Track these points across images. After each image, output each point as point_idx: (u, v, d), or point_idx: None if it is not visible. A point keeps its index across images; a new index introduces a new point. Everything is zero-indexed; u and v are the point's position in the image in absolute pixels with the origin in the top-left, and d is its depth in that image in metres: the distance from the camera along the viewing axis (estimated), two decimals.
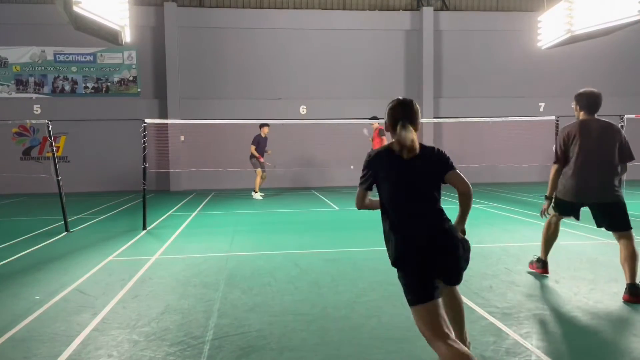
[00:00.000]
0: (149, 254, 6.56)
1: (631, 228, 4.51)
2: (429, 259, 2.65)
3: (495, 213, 10.20)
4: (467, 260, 2.83)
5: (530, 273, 5.29)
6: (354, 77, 18.39)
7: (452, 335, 2.55)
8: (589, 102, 4.71)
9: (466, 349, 2.54)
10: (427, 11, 18.43)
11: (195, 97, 17.68)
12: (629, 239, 4.46)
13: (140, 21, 15.74)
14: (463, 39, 18.80)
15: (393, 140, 2.80)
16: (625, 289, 4.39)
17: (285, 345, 3.50)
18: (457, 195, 2.87)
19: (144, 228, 8.63)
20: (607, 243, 6.61)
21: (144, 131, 8.99)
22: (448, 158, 2.89)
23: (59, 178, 8.74)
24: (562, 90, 18.57)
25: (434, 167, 2.83)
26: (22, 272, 5.74)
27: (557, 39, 9.25)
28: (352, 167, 12.62)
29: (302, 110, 18.04)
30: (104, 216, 10.56)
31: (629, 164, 4.63)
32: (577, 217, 4.86)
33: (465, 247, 2.80)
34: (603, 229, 4.67)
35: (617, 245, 4.57)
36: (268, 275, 5.37)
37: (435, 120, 17.30)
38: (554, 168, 4.83)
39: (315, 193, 15.15)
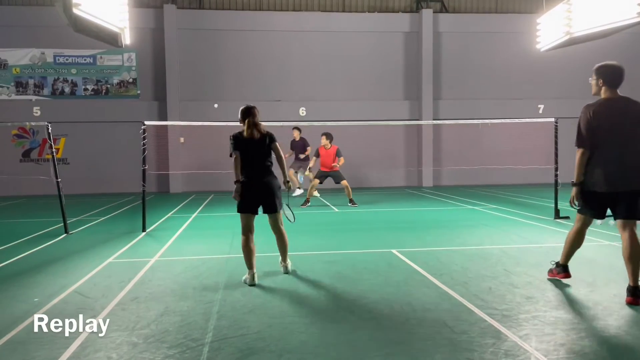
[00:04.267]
0: (148, 256, 6.55)
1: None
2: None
3: (495, 215, 10.21)
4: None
5: (529, 276, 5.29)
6: (354, 79, 18.41)
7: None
8: (614, 76, 4.38)
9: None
10: (427, 13, 18.47)
11: (194, 99, 17.69)
12: (635, 228, 4.25)
13: (140, 23, 15.74)
14: (462, 40, 18.83)
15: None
16: (628, 291, 4.26)
17: (284, 348, 3.50)
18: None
19: (144, 230, 8.63)
20: (606, 245, 6.61)
21: (144, 133, 8.99)
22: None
23: (59, 180, 8.73)
24: (561, 92, 18.61)
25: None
26: (21, 274, 5.74)
27: (556, 41, 9.26)
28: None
29: (302, 112, 18.05)
30: (103, 218, 10.56)
31: None
32: (602, 216, 4.50)
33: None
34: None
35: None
36: (267, 278, 5.37)
37: (435, 122, 17.32)
38: (579, 152, 4.44)
39: (315, 194, 15.13)
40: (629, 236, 4.26)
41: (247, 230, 5.29)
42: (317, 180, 12.14)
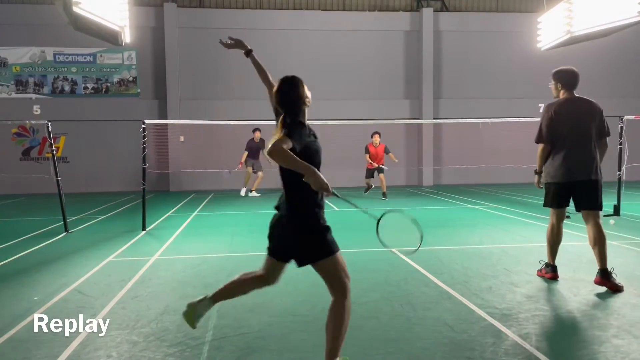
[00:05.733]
0: (148, 255, 6.55)
1: (602, 209, 4.72)
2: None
3: (495, 214, 10.21)
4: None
5: (530, 275, 5.29)
6: (354, 77, 18.40)
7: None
8: (570, 79, 4.81)
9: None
10: (427, 12, 18.45)
11: (194, 98, 17.68)
12: (597, 218, 4.64)
13: (140, 22, 15.72)
14: (463, 39, 18.82)
15: None
16: (597, 272, 4.60)
17: (284, 346, 3.50)
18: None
19: (144, 229, 8.62)
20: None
21: (144, 132, 8.99)
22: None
23: (59, 178, 8.73)
24: None
25: None
26: (22, 273, 5.73)
27: (557, 40, 9.27)
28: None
29: None
30: (103, 217, 10.56)
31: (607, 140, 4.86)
32: (566, 204, 4.92)
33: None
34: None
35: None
36: None
37: (435, 121, 17.31)
38: (540, 147, 4.93)
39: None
40: (592, 225, 4.68)
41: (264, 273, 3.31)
42: (370, 179, 13.32)
